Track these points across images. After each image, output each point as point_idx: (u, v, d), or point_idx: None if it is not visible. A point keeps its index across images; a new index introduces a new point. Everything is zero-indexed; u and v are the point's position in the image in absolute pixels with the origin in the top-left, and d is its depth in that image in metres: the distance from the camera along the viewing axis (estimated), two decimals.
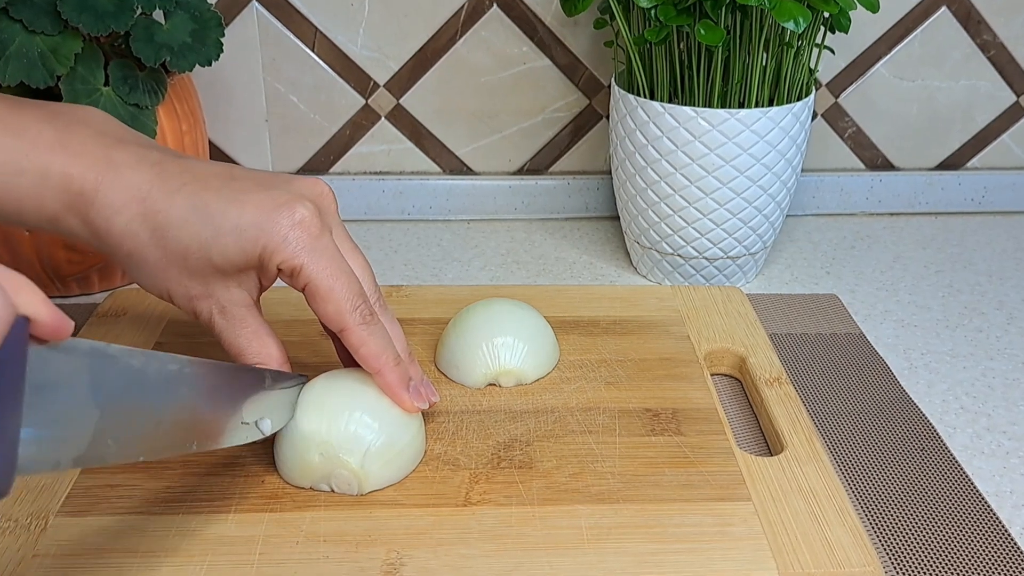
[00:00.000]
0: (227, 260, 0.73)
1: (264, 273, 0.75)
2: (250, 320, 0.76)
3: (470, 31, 1.29)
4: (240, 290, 0.75)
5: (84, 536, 0.70)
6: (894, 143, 1.39)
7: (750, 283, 1.19)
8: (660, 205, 1.11)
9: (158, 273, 0.75)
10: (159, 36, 1.00)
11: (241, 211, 0.73)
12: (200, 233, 0.72)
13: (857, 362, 1.00)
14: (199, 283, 0.75)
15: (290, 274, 0.73)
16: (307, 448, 0.74)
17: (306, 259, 0.73)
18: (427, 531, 0.71)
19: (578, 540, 0.71)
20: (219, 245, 0.72)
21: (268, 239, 0.72)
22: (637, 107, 1.09)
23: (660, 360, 0.94)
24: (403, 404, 0.77)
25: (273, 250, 0.72)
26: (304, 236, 0.73)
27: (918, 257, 1.28)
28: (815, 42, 1.11)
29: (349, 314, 0.74)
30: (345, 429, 0.74)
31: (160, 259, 0.74)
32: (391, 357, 0.77)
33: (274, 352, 0.77)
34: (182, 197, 0.73)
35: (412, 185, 1.36)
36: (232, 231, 0.72)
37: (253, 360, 0.76)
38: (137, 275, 0.76)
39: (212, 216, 0.72)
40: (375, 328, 0.76)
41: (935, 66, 1.34)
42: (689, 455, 0.80)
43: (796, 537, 0.71)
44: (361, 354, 0.76)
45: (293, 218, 0.73)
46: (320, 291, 0.73)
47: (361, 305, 0.75)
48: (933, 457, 0.86)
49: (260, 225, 0.72)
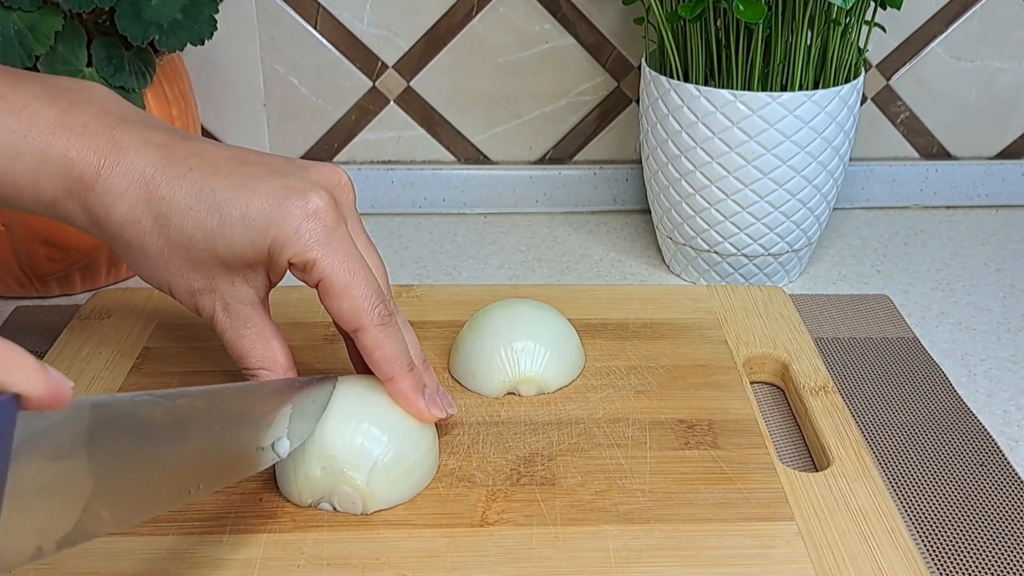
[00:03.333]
0: (233, 252, 0.73)
1: (273, 268, 0.75)
2: (256, 320, 0.76)
3: (487, 7, 1.29)
4: (246, 287, 0.75)
5: (66, 559, 0.70)
6: (951, 130, 1.39)
7: (793, 282, 1.19)
8: (695, 197, 1.11)
9: (160, 264, 0.75)
10: (147, 12, 1.00)
11: (250, 199, 0.73)
12: (205, 221, 0.73)
13: (910, 369, 1.00)
14: (202, 277, 0.75)
15: (302, 269, 0.73)
16: (308, 461, 0.74)
17: (320, 253, 0.73)
18: (440, 554, 0.71)
19: (605, 564, 0.71)
20: (225, 235, 0.73)
21: (279, 230, 0.72)
22: (670, 90, 1.09)
23: (695, 367, 0.93)
24: (419, 413, 0.77)
25: (284, 242, 0.72)
26: (318, 227, 0.73)
27: (977, 254, 1.27)
28: (864, 19, 1.10)
29: (366, 313, 0.74)
30: (351, 442, 0.74)
31: (162, 249, 0.74)
32: (406, 362, 0.76)
33: (279, 357, 0.77)
34: (188, 182, 0.73)
35: (424, 175, 1.36)
36: (239, 220, 0.72)
37: (256, 364, 0.76)
38: (137, 266, 0.77)
39: (219, 203, 0.73)
40: (392, 330, 0.76)
41: (995, 45, 1.34)
42: (727, 471, 0.80)
43: (843, 560, 0.71)
44: (375, 357, 0.75)
45: (306, 208, 0.73)
46: (335, 287, 0.73)
47: (379, 305, 0.75)
48: (993, 473, 0.86)
49: (270, 215, 0.72)
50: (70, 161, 0.73)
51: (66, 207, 0.75)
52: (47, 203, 0.75)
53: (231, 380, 0.89)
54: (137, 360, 0.92)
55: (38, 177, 0.73)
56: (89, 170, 0.73)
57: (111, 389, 0.88)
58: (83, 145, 0.73)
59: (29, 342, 1.01)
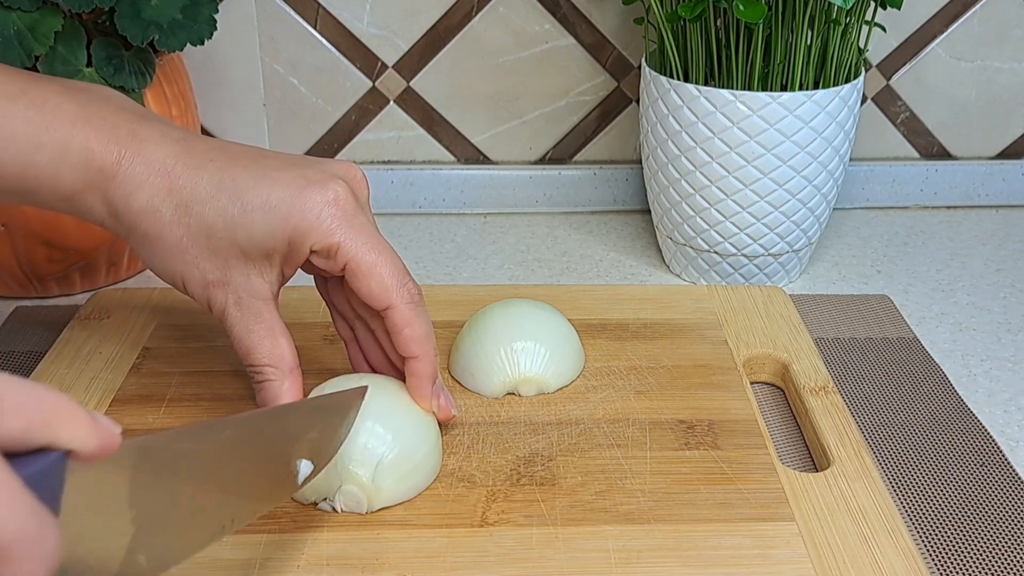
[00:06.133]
0: (252, 241, 0.74)
1: (292, 258, 0.76)
2: (266, 315, 0.77)
3: (487, 7, 1.29)
4: (260, 280, 0.76)
5: None
6: (951, 130, 1.39)
7: (793, 283, 1.19)
8: (695, 197, 1.11)
9: (176, 255, 0.76)
10: (146, 12, 1.00)
11: (271, 187, 0.74)
12: (227, 209, 0.74)
13: (910, 369, 1.00)
14: (218, 268, 0.75)
15: (327, 254, 0.75)
16: None
17: (343, 236, 0.74)
18: (440, 554, 0.71)
19: (605, 564, 0.71)
20: (246, 223, 0.74)
21: (300, 217, 0.73)
22: (670, 90, 1.09)
23: (695, 367, 0.93)
24: (422, 399, 0.79)
25: (306, 229, 0.73)
26: (339, 212, 0.74)
27: (977, 254, 1.27)
28: (864, 19, 1.10)
29: (396, 290, 0.75)
30: (356, 440, 0.74)
31: (180, 239, 0.75)
32: (433, 345, 0.78)
33: (286, 355, 0.77)
34: (209, 172, 0.74)
35: (424, 175, 1.36)
36: (261, 207, 0.73)
37: (262, 361, 0.77)
38: (151, 257, 0.77)
39: (240, 192, 0.74)
40: (422, 310, 0.77)
41: (996, 45, 1.34)
42: (727, 471, 0.80)
43: (843, 560, 0.71)
44: (404, 335, 0.77)
45: (326, 195, 0.74)
46: (362, 268, 0.75)
47: (409, 283, 0.76)
48: (993, 473, 0.86)
49: (291, 203, 0.74)
50: (91, 152, 0.74)
51: (85, 200, 0.75)
52: (67, 196, 0.75)
53: (232, 380, 0.89)
54: (137, 360, 0.92)
55: (58, 170, 0.74)
56: (110, 160, 0.74)
57: (111, 389, 0.88)
58: (104, 137, 0.74)
59: (29, 342, 1.01)
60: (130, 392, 0.88)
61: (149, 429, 0.83)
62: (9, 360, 0.98)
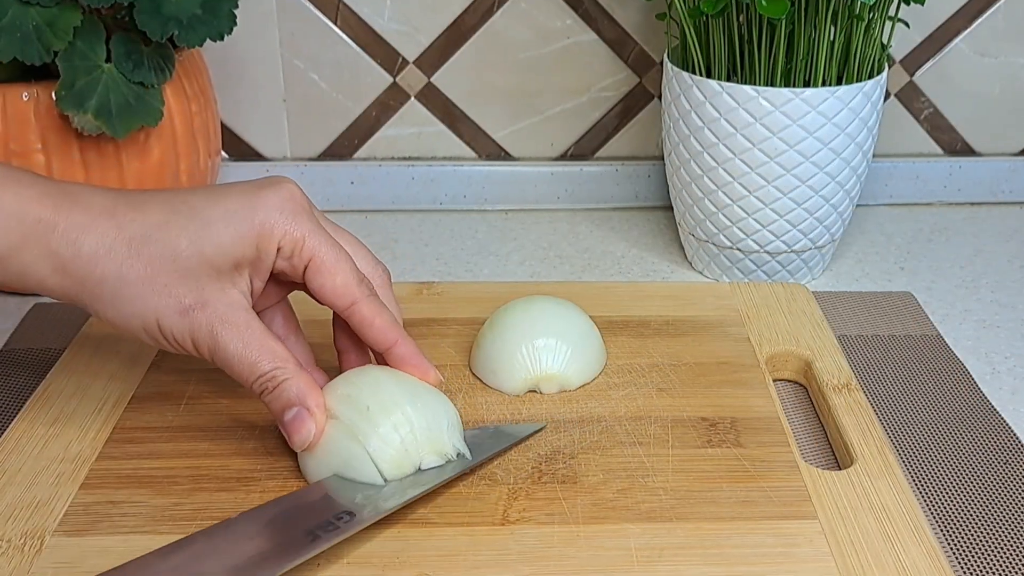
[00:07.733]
0: (222, 249, 0.74)
1: (260, 264, 0.76)
2: (254, 324, 0.75)
3: (509, 2, 1.29)
4: (236, 291, 0.75)
5: (84, 558, 0.70)
6: (975, 126, 1.38)
7: (816, 280, 1.19)
8: (717, 194, 1.11)
9: (143, 291, 0.73)
10: (166, 8, 1.00)
11: (226, 199, 0.75)
12: (187, 227, 0.74)
13: (934, 366, 0.99)
14: (192, 290, 0.73)
15: (291, 251, 0.76)
16: None
17: (307, 229, 0.76)
18: (461, 552, 0.71)
19: (627, 562, 0.70)
20: (210, 234, 0.74)
21: (264, 216, 0.75)
22: (692, 86, 1.09)
23: (717, 364, 0.93)
24: (425, 373, 0.80)
25: (272, 225, 0.75)
26: (298, 207, 0.76)
27: (1001, 251, 1.27)
28: (888, 14, 1.10)
29: (358, 286, 0.78)
30: (389, 420, 0.76)
31: (143, 272, 0.73)
32: (402, 328, 0.80)
33: (289, 355, 0.76)
34: (154, 205, 0.75)
35: (444, 172, 1.36)
36: (222, 217, 0.74)
37: (270, 367, 0.74)
38: (114, 305, 0.74)
39: (196, 209, 0.75)
40: (380, 301, 0.79)
41: (1020, 41, 1.33)
42: (749, 469, 0.80)
43: (867, 559, 0.71)
44: (376, 326, 0.78)
45: (282, 193, 0.76)
46: (327, 263, 0.76)
47: (364, 279, 0.78)
48: (1018, 471, 0.85)
49: (251, 205, 0.75)
50: (24, 207, 0.72)
51: (21, 259, 0.72)
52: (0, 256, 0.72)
53: None
54: (156, 357, 0.92)
55: None
56: (46, 212, 0.72)
57: (130, 387, 0.88)
58: (34, 193, 0.72)
59: (46, 339, 1.01)
60: (149, 390, 0.88)
61: (168, 427, 0.83)
62: (27, 357, 0.98)
